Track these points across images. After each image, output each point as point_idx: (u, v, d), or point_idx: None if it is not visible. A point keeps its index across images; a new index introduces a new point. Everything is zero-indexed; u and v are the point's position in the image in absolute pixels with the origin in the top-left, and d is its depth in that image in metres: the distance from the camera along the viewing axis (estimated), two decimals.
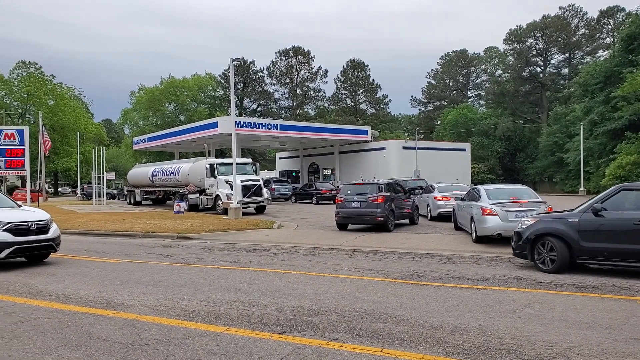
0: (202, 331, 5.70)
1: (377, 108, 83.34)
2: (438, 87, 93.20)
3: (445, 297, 7.34)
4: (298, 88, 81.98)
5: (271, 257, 11.87)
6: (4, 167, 22.68)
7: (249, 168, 28.57)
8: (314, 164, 52.59)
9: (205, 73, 78.43)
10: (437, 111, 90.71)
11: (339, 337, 5.46)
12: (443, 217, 20.08)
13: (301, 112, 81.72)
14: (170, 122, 68.60)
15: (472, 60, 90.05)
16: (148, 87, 74.80)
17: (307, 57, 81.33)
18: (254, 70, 77.47)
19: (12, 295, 7.79)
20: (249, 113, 75.51)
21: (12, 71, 69.56)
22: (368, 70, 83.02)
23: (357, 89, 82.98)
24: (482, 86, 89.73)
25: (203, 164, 28.91)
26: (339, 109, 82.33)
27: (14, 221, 10.41)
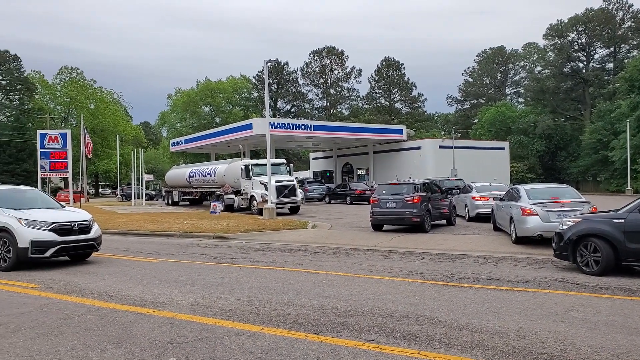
0: (239, 330, 5.75)
1: (412, 107, 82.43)
2: (475, 84, 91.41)
3: (484, 299, 7.17)
4: (331, 88, 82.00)
5: (306, 257, 11.90)
6: (48, 169, 23.49)
7: (283, 169, 28.76)
8: (348, 164, 52.43)
9: (240, 75, 79.70)
10: (474, 109, 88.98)
11: (375, 338, 5.41)
12: (481, 218, 19.69)
13: (335, 112, 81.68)
14: (206, 124, 69.87)
15: (510, 57, 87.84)
16: (184, 90, 76.48)
17: (341, 57, 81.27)
18: (288, 72, 77.97)
19: (57, 292, 8.05)
20: (282, 114, 76.07)
21: (56, 77, 72.56)
22: (403, 69, 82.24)
23: (391, 88, 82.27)
24: (520, 83, 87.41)
25: (238, 165, 29.29)
26: (373, 108, 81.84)
27: (58, 221, 10.75)
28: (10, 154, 59.95)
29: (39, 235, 10.34)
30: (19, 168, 59.56)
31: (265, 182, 25.19)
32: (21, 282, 9.02)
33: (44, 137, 23.64)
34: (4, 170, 58.84)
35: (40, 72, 72.79)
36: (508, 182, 43.78)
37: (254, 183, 27.09)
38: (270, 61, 25.77)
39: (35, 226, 10.42)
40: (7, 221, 10.44)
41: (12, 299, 7.64)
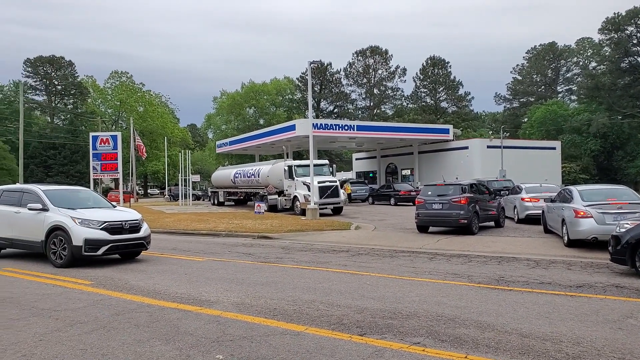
0: (283, 329, 5.78)
1: (458, 106, 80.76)
2: (524, 82, 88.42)
3: (535, 304, 6.92)
4: (375, 88, 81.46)
5: (349, 258, 11.84)
6: (99, 170, 24.40)
7: (326, 169, 28.81)
8: (392, 165, 51.90)
9: (284, 77, 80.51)
10: (523, 108, 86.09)
11: (420, 341, 5.31)
12: (531, 220, 19.10)
13: (378, 112, 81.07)
14: (250, 125, 71.00)
15: (562, 53, 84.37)
16: (229, 93, 77.97)
17: (385, 56, 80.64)
18: (331, 72, 78.08)
19: (108, 289, 8.32)
20: (325, 115, 76.24)
21: (107, 81, 75.72)
22: (449, 67, 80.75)
23: (437, 87, 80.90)
24: (573, 80, 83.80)
25: (281, 165, 29.56)
26: (418, 107, 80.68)
27: (110, 220, 11.13)
28: (65, 155, 62.95)
29: (91, 233, 10.71)
30: (73, 169, 62.44)
31: (308, 182, 25.31)
32: (75, 278, 9.37)
33: (96, 140, 24.60)
34: (60, 171, 61.83)
35: (92, 77, 76.42)
36: (559, 183, 42.13)
37: (297, 184, 27.28)
38: (314, 62, 25.86)
39: (88, 225, 10.79)
40: (63, 220, 10.86)
41: (68, 294, 7.95)
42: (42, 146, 62.39)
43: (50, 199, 11.54)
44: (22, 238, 11.69)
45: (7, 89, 68.79)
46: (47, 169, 61.77)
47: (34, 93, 72.13)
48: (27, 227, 11.55)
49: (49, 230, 10.98)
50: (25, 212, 11.52)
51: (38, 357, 4.96)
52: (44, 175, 59.82)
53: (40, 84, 72.73)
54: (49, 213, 11.16)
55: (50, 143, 63.03)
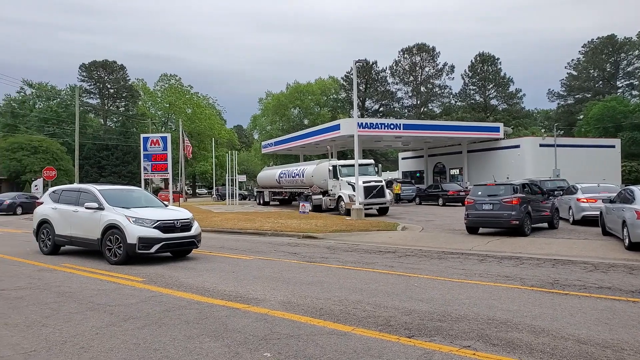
0: (330, 329, 5.75)
1: (509, 103, 78.27)
2: (580, 78, 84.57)
3: (593, 309, 6.60)
4: (422, 86, 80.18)
5: (396, 259, 11.69)
6: (150, 170, 25.18)
7: (371, 169, 28.57)
8: (440, 164, 50.92)
9: (328, 76, 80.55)
10: (578, 104, 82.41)
11: (471, 344, 5.15)
12: (588, 221, 18.30)
13: (425, 110, 79.73)
14: (295, 126, 71.51)
15: (622, 47, 79.94)
16: (274, 94, 78.84)
17: (432, 54, 79.23)
18: (376, 71, 77.41)
19: (159, 286, 8.54)
20: (370, 114, 75.70)
21: (157, 84, 78.21)
22: (499, 64, 78.31)
23: (486, 84, 78.69)
24: (635, 75, 79.32)
25: (326, 165, 29.57)
26: (467, 105, 78.76)
27: (162, 219, 11.38)
28: (118, 156, 65.59)
29: (145, 232, 10.97)
30: (125, 170, 64.97)
31: (352, 182, 25.19)
32: (128, 275, 9.64)
33: (147, 141, 25.41)
34: (112, 171, 64.47)
35: (143, 80, 79.02)
36: (619, 183, 40.09)
37: (342, 184, 27.22)
38: (359, 61, 25.74)
39: (141, 224, 11.06)
40: (117, 219, 11.18)
41: (121, 290, 8.21)
42: (96, 147, 65.26)
43: (105, 198, 11.91)
44: (80, 236, 12.09)
45: (64, 93, 72.21)
46: (100, 170, 64.56)
47: (89, 96, 75.32)
48: (84, 225, 11.96)
49: (105, 229, 11.33)
50: (82, 211, 11.93)
51: (95, 349, 5.14)
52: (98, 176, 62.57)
53: (94, 87, 75.87)
54: (105, 212, 11.53)
55: (103, 144, 65.87)
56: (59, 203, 12.94)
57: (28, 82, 71.00)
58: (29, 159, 53.30)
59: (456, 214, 24.46)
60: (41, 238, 13.13)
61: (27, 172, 52.39)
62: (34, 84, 71.62)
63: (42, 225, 13.11)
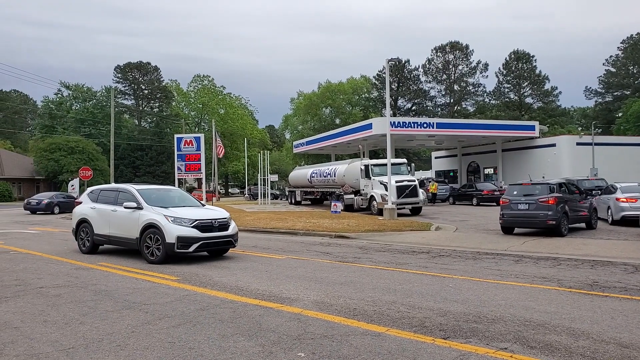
0: (364, 330, 5.73)
1: (544, 101, 76.35)
2: (619, 75, 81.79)
3: (635, 312, 6.41)
4: (455, 84, 79.01)
5: (429, 259, 11.58)
6: (184, 170, 25.62)
7: (404, 168, 28.35)
8: (474, 163, 50.09)
9: (360, 75, 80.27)
10: (617, 102, 79.69)
11: (508, 347, 5.07)
12: (627, 221, 17.80)
13: (459, 108, 78.56)
14: (326, 125, 71.55)
15: None
16: (306, 93, 79.10)
17: (465, 52, 77.97)
18: (409, 69, 76.70)
19: (193, 285, 8.63)
20: (403, 112, 75.08)
21: (190, 84, 79.61)
22: (534, 61, 76.49)
23: (521, 82, 76.95)
24: None
25: (358, 165, 29.49)
26: (501, 103, 77.22)
27: (200, 219, 11.33)
28: (152, 156, 66.99)
29: (183, 231, 10.96)
30: (158, 169, 66.30)
31: (385, 182, 25.05)
32: (162, 274, 9.73)
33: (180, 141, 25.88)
34: (147, 171, 65.92)
35: (176, 81, 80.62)
36: None
37: (374, 183, 27.10)
38: (392, 60, 25.55)
39: (180, 223, 11.05)
40: (156, 218, 11.23)
41: (156, 289, 8.30)
42: (131, 148, 66.85)
43: (144, 197, 12.00)
44: (118, 235, 12.18)
45: (99, 95, 74.23)
46: (135, 170, 66.10)
47: (123, 97, 77.23)
48: (123, 224, 12.03)
49: (144, 228, 11.38)
50: (121, 210, 12.02)
51: (131, 347, 5.22)
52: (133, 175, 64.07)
53: (129, 88, 77.67)
54: (143, 211, 11.58)
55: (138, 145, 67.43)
56: (97, 203, 13.06)
57: (65, 84, 73.38)
58: (66, 159, 55.13)
59: (490, 214, 24.02)
60: (80, 237, 13.27)
61: (64, 172, 54.18)
62: (71, 85, 73.94)
63: (81, 224, 13.25)
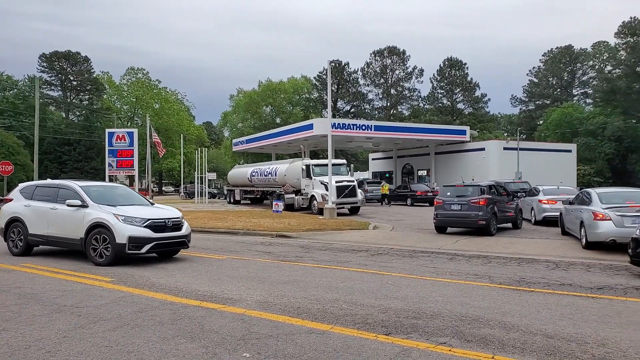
0: (309, 328, 5.82)
1: (475, 107, 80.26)
2: (541, 85, 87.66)
3: (558, 305, 6.95)
4: (392, 88, 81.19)
5: (369, 258, 11.88)
6: (115, 166, 24.60)
7: (344, 169, 28.86)
8: (408, 165, 51.77)
9: (301, 76, 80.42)
10: (539, 110, 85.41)
11: (446, 341, 5.34)
12: (548, 222, 19.08)
13: (395, 112, 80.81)
14: (266, 124, 71.14)
15: (578, 57, 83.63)
16: (246, 91, 78.19)
17: (402, 57, 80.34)
18: (348, 72, 77.94)
19: (130, 286, 8.31)
20: (342, 114, 76.11)
21: (123, 77, 76.24)
22: (466, 69, 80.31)
23: (454, 88, 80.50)
24: (589, 83, 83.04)
25: (299, 165, 29.63)
26: (435, 108, 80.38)
27: (153, 218, 10.82)
28: (80, 151, 63.36)
29: (136, 231, 10.41)
30: (87, 165, 62.88)
31: (325, 182, 25.38)
32: (95, 275, 9.30)
33: (112, 136, 24.83)
34: (74, 167, 62.33)
35: (108, 73, 76.76)
36: (574, 185, 41.82)
37: (315, 183, 27.36)
38: (333, 61, 25.91)
39: (132, 222, 10.49)
40: (105, 217, 10.55)
41: (89, 291, 7.92)
42: (57, 142, 62.79)
43: (89, 195, 11.23)
44: (59, 235, 11.32)
45: (21, 84, 68.96)
46: (61, 165, 62.35)
47: (49, 88, 72.42)
48: (65, 224, 11.21)
49: (90, 228, 10.67)
50: (63, 208, 11.18)
51: (63, 353, 4.95)
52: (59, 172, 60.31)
53: (56, 79, 73.01)
54: (89, 210, 10.87)
55: (65, 139, 63.54)
56: (32, 200, 12.03)
57: None
58: None
59: (424, 214, 24.93)
60: (10, 238, 12.20)
61: None
62: None
63: (11, 224, 12.16)
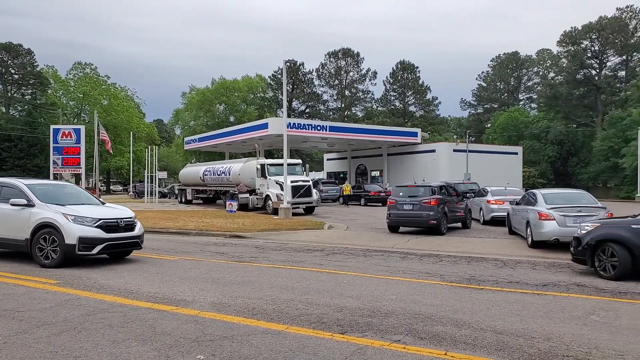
0: (264, 329, 5.77)
1: (426, 110, 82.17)
2: (489, 89, 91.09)
3: (506, 302, 7.20)
4: (346, 89, 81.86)
5: (324, 257, 11.93)
6: (60, 164, 23.58)
7: (299, 169, 28.83)
8: (362, 166, 52.43)
9: (256, 74, 79.67)
10: (487, 114, 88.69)
11: (401, 339, 5.43)
12: (496, 221, 19.76)
13: (349, 113, 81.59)
14: (220, 122, 70.06)
15: (524, 63, 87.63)
16: (199, 88, 76.72)
17: (357, 59, 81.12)
18: (303, 72, 77.92)
19: (76, 288, 7.99)
20: (297, 114, 76.03)
21: (69, 72, 73.00)
22: (418, 72, 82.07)
23: (406, 91, 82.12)
24: (534, 89, 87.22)
25: (254, 164, 29.39)
26: (388, 110, 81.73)
27: (105, 218, 10.44)
28: (22, 148, 60.18)
29: (86, 231, 10.02)
30: (30, 163, 59.83)
31: (281, 182, 25.29)
32: (39, 277, 8.91)
33: (57, 133, 23.79)
34: (15, 165, 59.15)
35: (53, 67, 73.16)
36: (520, 186, 43.67)
37: (270, 183, 27.19)
38: (288, 61, 25.81)
39: (82, 222, 10.09)
40: (53, 217, 10.09)
41: (32, 294, 7.57)
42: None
43: (35, 193, 10.65)
44: (1, 236, 10.72)
45: None
46: (1, 162, 59.13)
47: None
48: (8, 224, 10.61)
49: (36, 228, 10.15)
50: (5, 207, 10.58)
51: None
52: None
53: None
54: (36, 209, 10.32)
55: (5, 135, 60.11)
56: None
57: None
58: None
59: (378, 214, 25.30)
60: None
61: None
62: None
63: None
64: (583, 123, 71.80)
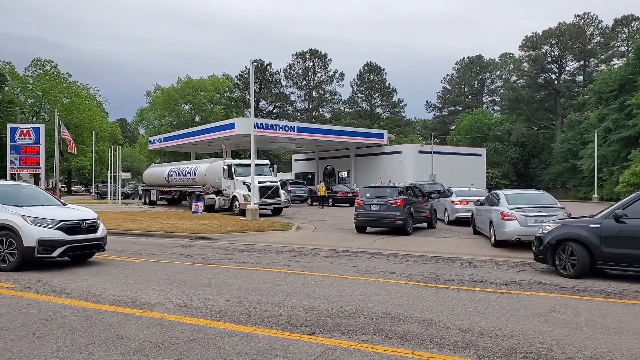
0: (232, 331, 5.71)
1: (392, 112, 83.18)
2: (453, 92, 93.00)
3: (471, 301, 7.33)
4: (314, 90, 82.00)
5: (292, 258, 11.90)
6: (18, 164, 22.75)
7: (267, 169, 28.67)
8: (330, 167, 52.66)
9: (222, 74, 78.84)
10: (451, 116, 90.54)
11: (368, 338, 5.46)
12: (461, 222, 20.12)
13: (317, 114, 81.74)
14: (185, 122, 69.03)
15: (487, 66, 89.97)
16: (164, 87, 75.41)
17: (324, 60, 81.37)
18: (271, 72, 77.63)
19: (35, 292, 7.75)
20: (265, 115, 75.65)
21: (28, 69, 70.38)
22: (384, 74, 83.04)
23: (373, 93, 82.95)
24: (497, 92, 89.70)
25: (220, 164, 29.06)
26: (355, 112, 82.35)
27: (66, 219, 10.21)
28: None
29: (46, 233, 9.76)
30: None
31: (248, 182, 25.07)
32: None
33: (15, 132, 22.95)
34: None
35: (10, 63, 70.42)
36: (484, 187, 44.73)
37: (237, 183, 26.93)
38: (256, 61, 25.64)
39: (42, 224, 9.83)
40: (10, 219, 9.77)
41: None
42: None
43: None
44: None
45: None
46: None
47: None
48: None
49: None
50: None
51: None
52: None
53: None
54: None
55: None
56: None
57: None
58: None
59: (345, 214, 25.42)
60: None
61: None
62: None
63: None
64: (544, 126, 74.30)
